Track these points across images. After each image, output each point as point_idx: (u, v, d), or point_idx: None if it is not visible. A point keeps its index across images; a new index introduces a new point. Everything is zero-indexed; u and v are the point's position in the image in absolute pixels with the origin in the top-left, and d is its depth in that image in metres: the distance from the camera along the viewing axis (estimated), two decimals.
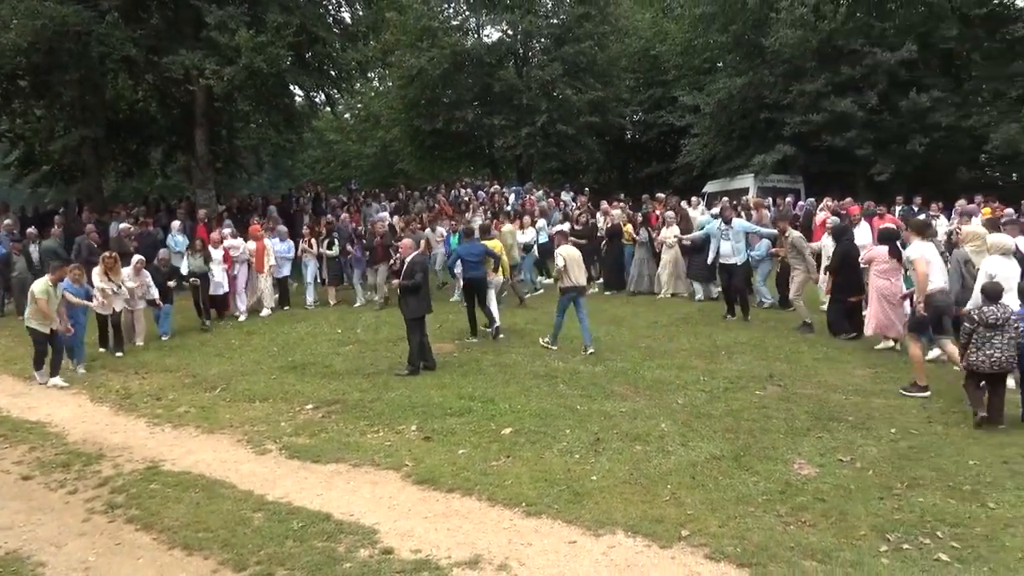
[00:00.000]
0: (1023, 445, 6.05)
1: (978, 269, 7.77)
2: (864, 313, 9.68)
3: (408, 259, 9.24)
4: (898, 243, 8.70)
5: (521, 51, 28.69)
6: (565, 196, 21.74)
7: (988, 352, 6.40)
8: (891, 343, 9.30)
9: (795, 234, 10.71)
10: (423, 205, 20.39)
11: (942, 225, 14.84)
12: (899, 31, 21.66)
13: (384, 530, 5.04)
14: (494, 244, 11.39)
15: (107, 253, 10.88)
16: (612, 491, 5.43)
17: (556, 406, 7.43)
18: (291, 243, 14.34)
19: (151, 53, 16.94)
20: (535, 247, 14.97)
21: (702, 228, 12.79)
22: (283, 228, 14.94)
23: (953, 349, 7.36)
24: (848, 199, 15.15)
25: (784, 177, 23.25)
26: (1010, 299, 6.89)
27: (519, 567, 4.50)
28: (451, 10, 28.75)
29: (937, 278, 7.51)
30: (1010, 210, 14.76)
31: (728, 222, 11.48)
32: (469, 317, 11.02)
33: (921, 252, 7.55)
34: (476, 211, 17.73)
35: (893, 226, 9.86)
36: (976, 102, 22.02)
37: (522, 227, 14.81)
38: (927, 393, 7.43)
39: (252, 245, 13.50)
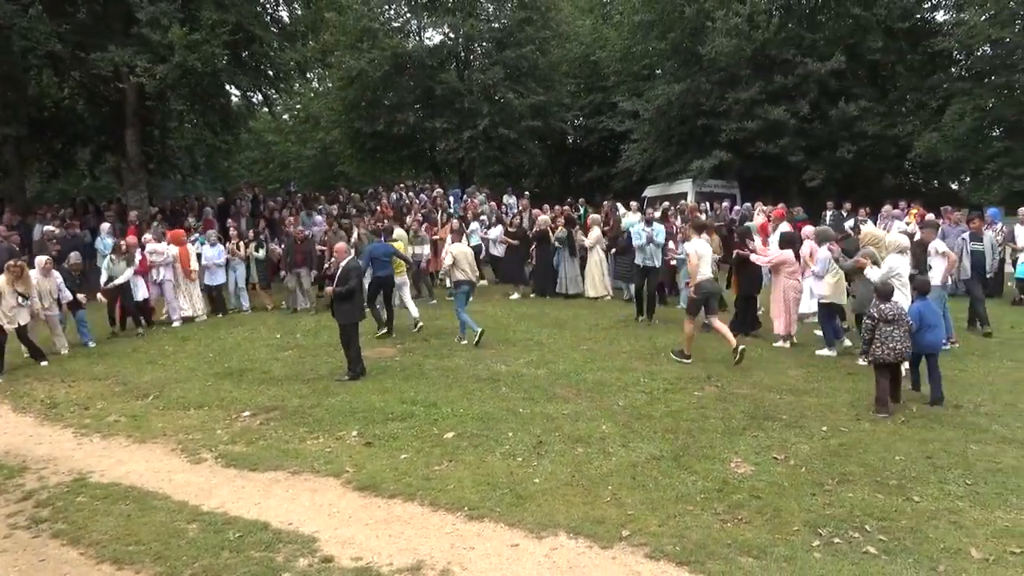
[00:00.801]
0: (945, 441, 6.33)
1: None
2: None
3: (343, 264, 9.10)
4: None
5: (463, 54, 28.65)
6: (508, 199, 21.82)
7: (891, 345, 7.10)
8: (787, 342, 10.05)
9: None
10: (363, 208, 20.16)
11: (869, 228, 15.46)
12: (829, 42, 22.43)
13: (324, 538, 4.96)
14: (399, 244, 12.17)
15: (12, 262, 10.12)
16: (554, 493, 5.46)
17: (499, 409, 7.44)
18: (222, 248, 13.79)
19: (78, 49, 16.28)
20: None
21: (629, 231, 13.22)
22: (213, 232, 14.37)
23: (720, 325, 9.20)
24: (781, 204, 15.66)
25: (721, 182, 23.84)
26: (903, 292, 7.92)
27: (461, 572, 4.49)
28: (392, 12, 28.51)
29: (705, 270, 9.22)
30: (930, 216, 15.47)
31: (649, 226, 12.09)
32: (374, 314, 11.26)
33: (695, 248, 9.25)
34: (418, 214, 17.63)
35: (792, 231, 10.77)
36: (900, 112, 22.99)
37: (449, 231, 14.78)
38: (689, 361, 9.13)
39: (175, 250, 12.92)
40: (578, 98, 31.02)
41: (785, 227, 11.43)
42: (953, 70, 23.54)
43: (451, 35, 27.99)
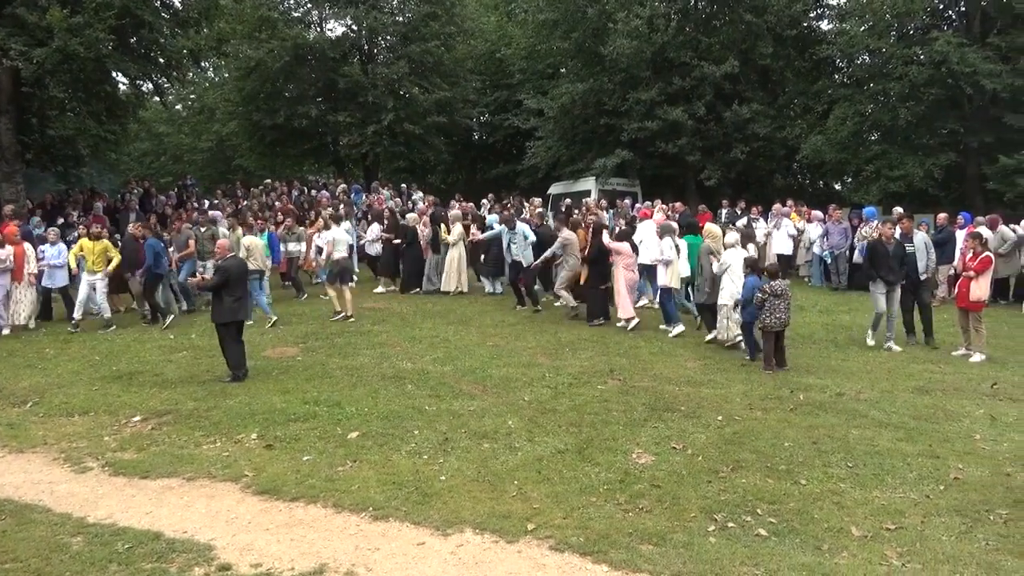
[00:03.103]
0: (829, 427, 6.73)
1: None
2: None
3: (219, 262, 8.85)
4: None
5: (367, 47, 28.15)
6: (415, 195, 21.63)
7: (777, 316, 8.62)
8: (630, 323, 10.99)
9: (567, 234, 11.84)
10: (262, 203, 19.51)
11: (761, 227, 16.24)
12: (723, 47, 23.26)
13: (221, 545, 4.78)
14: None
15: None
16: (460, 490, 5.46)
17: (404, 407, 7.38)
18: (63, 247, 12.45)
19: None
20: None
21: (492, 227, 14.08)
22: (55, 230, 13.05)
23: (348, 296, 11.66)
24: (647, 203, 16.46)
25: (623, 180, 24.37)
26: (736, 278, 9.35)
27: (366, 573, 4.42)
28: (292, 1, 27.70)
29: (339, 252, 11.83)
30: (818, 212, 16.43)
31: (512, 226, 12.81)
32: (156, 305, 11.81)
33: (333, 235, 12.02)
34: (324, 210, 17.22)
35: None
36: (789, 115, 24.09)
37: (319, 229, 14.50)
38: (352, 319, 11.37)
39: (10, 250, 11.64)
40: (484, 95, 31.02)
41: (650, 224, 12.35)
42: (836, 77, 24.84)
43: (354, 27, 27.44)
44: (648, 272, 12.09)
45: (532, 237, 12.94)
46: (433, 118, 26.31)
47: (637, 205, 20.04)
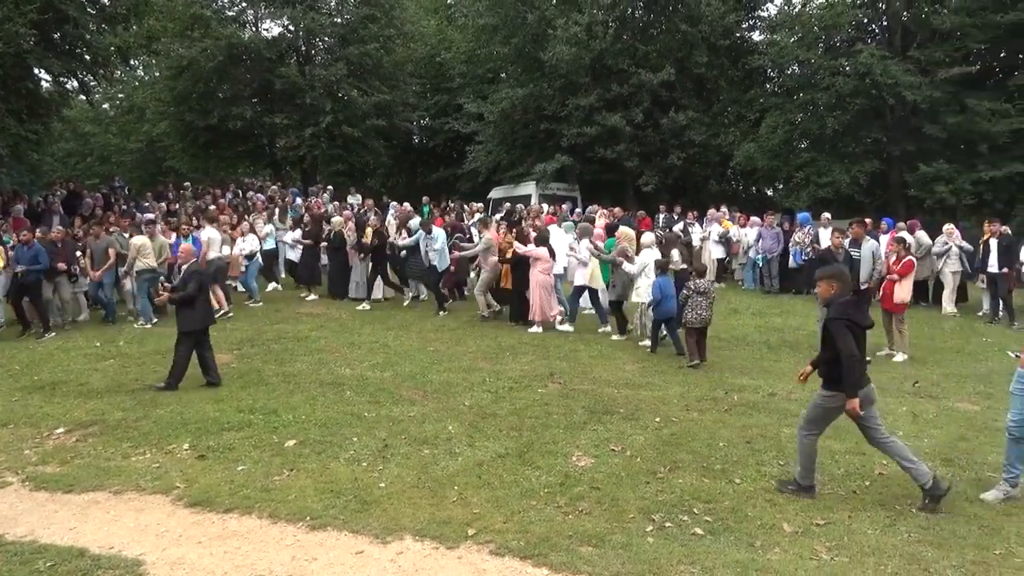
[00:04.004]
0: (762, 426, 6.92)
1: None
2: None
3: (184, 267, 8.55)
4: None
5: (304, 48, 27.72)
6: (352, 199, 21.37)
7: (699, 313, 9.03)
8: (541, 327, 11.14)
9: (488, 235, 12.17)
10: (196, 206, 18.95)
11: (697, 232, 16.62)
12: (660, 55, 23.75)
13: (150, 561, 4.61)
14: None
15: None
16: (400, 497, 5.40)
17: (343, 414, 7.26)
18: None
19: None
20: (258, 254, 14.51)
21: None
22: None
23: (220, 293, 11.80)
24: (552, 208, 16.75)
25: (563, 185, 24.62)
26: (647, 277, 9.93)
27: None
28: (225, 0, 27.10)
29: (213, 253, 12.16)
30: (756, 218, 16.86)
31: (428, 231, 13.00)
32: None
33: (208, 235, 12.36)
34: (261, 213, 16.85)
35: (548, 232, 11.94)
36: (723, 123, 24.72)
37: (241, 233, 14.32)
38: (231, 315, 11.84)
39: None
40: (424, 98, 30.91)
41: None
42: (768, 86, 25.68)
43: (291, 28, 26.99)
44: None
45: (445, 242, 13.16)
46: (372, 121, 26.10)
47: (577, 210, 20.23)
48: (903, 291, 9.84)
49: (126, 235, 12.75)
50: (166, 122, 28.17)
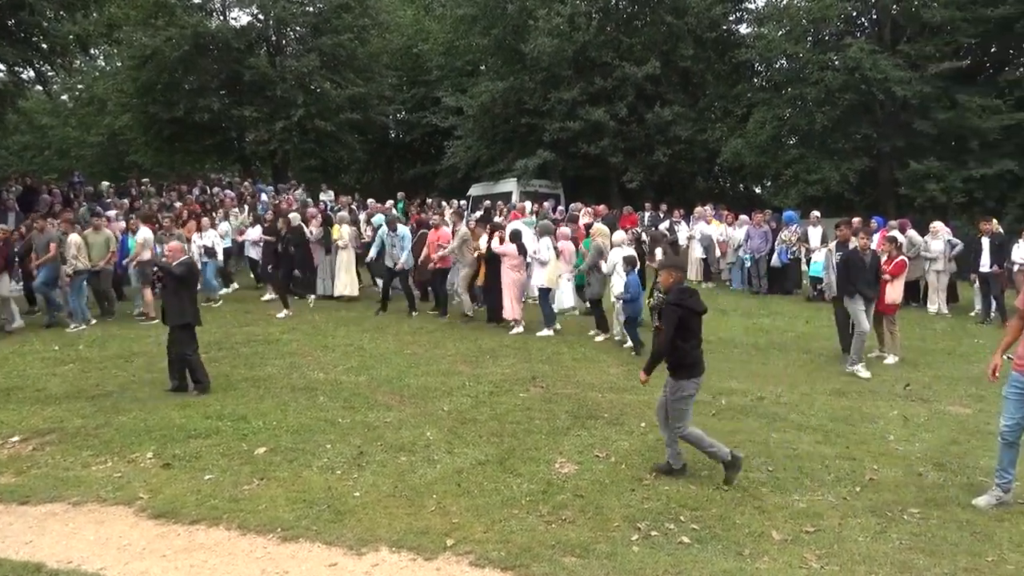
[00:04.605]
0: (750, 431, 6.77)
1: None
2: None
3: (175, 263, 8.21)
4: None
5: (274, 38, 27.18)
6: (324, 196, 20.98)
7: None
8: (520, 326, 11.06)
9: (463, 231, 12.09)
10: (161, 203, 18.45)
11: (683, 230, 16.46)
12: (645, 47, 23.48)
13: (112, 575, 4.38)
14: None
15: None
16: (376, 506, 5.21)
17: (316, 420, 7.03)
18: None
19: None
20: (219, 252, 14.25)
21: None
22: None
23: (149, 298, 11.82)
24: (520, 204, 16.55)
25: (545, 182, 24.25)
26: (620, 276, 9.88)
27: None
28: None
29: (147, 254, 12.03)
30: (744, 216, 16.69)
31: (394, 229, 12.55)
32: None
33: (144, 236, 12.11)
34: (232, 209, 16.46)
35: (520, 229, 11.81)
36: (710, 118, 24.54)
37: (200, 229, 14.04)
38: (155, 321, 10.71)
39: None
40: (400, 91, 30.53)
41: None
42: (755, 81, 25.44)
43: (260, 17, 26.44)
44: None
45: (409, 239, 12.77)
46: (346, 114, 25.68)
47: (559, 208, 20.01)
48: (895, 291, 9.64)
49: (63, 234, 12.17)
50: (129, 114, 27.43)
